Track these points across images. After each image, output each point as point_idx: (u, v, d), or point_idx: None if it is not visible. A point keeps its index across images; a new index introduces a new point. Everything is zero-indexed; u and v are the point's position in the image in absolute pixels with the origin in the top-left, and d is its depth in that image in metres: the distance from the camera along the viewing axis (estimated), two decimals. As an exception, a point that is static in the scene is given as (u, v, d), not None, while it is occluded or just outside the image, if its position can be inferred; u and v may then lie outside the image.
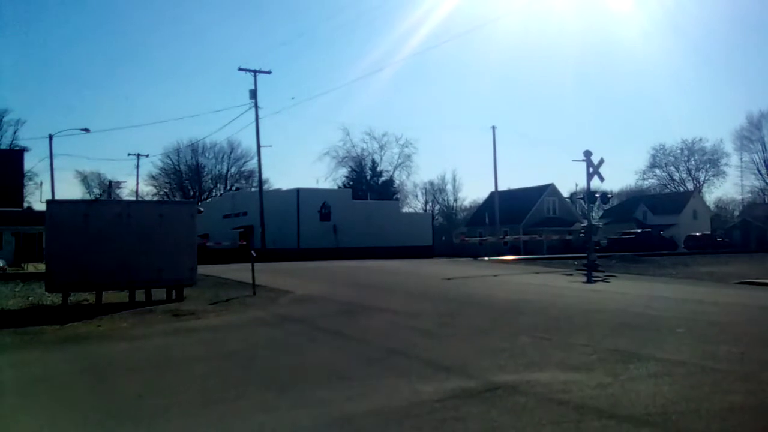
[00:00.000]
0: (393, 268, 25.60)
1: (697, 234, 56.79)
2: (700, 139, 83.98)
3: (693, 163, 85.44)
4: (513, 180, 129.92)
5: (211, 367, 7.77)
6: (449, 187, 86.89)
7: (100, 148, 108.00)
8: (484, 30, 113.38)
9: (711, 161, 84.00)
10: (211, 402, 5.90)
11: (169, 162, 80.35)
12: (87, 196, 71.94)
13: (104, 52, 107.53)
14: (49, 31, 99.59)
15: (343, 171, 78.42)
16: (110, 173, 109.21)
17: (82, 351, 9.12)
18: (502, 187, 55.68)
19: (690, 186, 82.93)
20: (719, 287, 17.36)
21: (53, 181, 47.02)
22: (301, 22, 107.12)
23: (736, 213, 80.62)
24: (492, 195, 55.69)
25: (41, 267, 14.87)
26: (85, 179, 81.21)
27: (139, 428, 5.21)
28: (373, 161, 78.04)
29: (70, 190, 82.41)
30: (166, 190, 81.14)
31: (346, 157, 78.30)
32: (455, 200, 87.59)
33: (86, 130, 46.85)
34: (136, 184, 65.56)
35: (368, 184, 74.51)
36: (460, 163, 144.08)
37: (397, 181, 79.14)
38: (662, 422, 4.88)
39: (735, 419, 4.98)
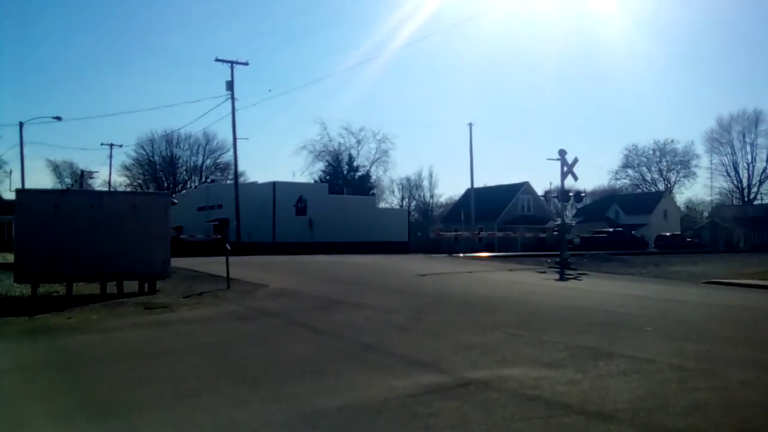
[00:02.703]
0: (368, 264, 25.62)
1: (668, 234, 57.82)
2: (672, 141, 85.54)
3: (664, 164, 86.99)
4: (489, 177, 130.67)
5: (183, 360, 7.71)
6: (426, 183, 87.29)
7: (73, 137, 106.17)
8: (466, 27, 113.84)
9: (682, 162, 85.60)
10: (183, 396, 5.85)
11: (143, 153, 79.14)
12: (58, 186, 70.59)
13: (78, 40, 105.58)
14: (22, 18, 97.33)
15: (320, 165, 78.23)
16: (82, 163, 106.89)
17: (52, 343, 8.98)
18: (478, 184, 55.95)
19: (661, 186, 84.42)
20: (688, 286, 17.72)
21: (23, 170, 46.20)
22: (280, 15, 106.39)
23: (706, 214, 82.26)
24: (468, 192, 55.93)
25: (10, 257, 14.57)
26: (56, 168, 79.71)
27: (109, 422, 5.15)
28: (350, 156, 77.94)
29: (41, 179, 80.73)
30: (139, 181, 79.94)
31: (323, 151, 78.12)
32: (431, 196, 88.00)
33: (58, 118, 46.04)
34: (108, 174, 64.67)
35: (345, 178, 74.37)
36: (437, 160, 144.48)
37: (373, 177, 79.20)
38: (630, 418, 4.98)
39: (700, 415, 5.10)
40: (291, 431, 4.85)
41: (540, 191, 63.78)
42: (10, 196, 48.52)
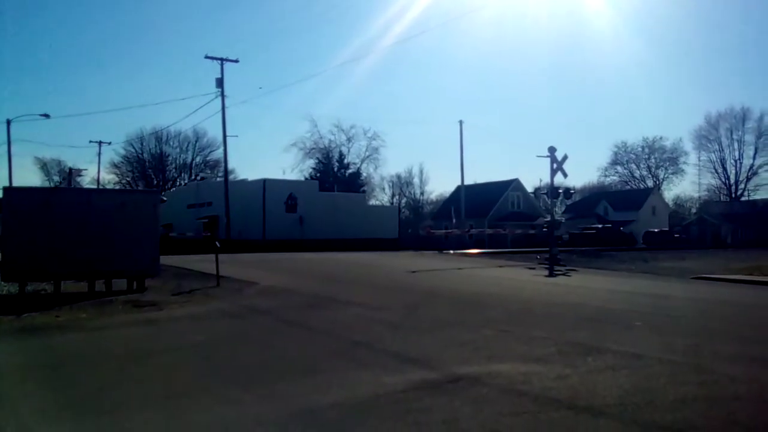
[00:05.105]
0: (359, 261, 25.62)
1: (656, 230, 58.24)
2: (661, 138, 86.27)
3: (653, 160, 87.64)
4: (479, 174, 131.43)
5: (173, 359, 7.68)
6: (416, 180, 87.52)
7: (61, 134, 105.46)
8: (456, 25, 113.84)
9: (670, 159, 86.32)
10: (173, 395, 5.83)
11: (132, 150, 78.78)
12: (46, 184, 70.16)
13: (67, 37, 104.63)
14: (9, 15, 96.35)
15: (310, 163, 78.17)
16: (71, 161, 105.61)
17: (40, 342, 8.90)
18: (468, 181, 56.14)
19: (650, 183, 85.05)
20: (676, 282, 17.85)
21: (11, 168, 46.01)
22: (271, 12, 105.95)
23: (693, 210, 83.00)
24: (458, 189, 56.10)
25: (-3, 256, 14.46)
26: (44, 166, 79.18)
27: (99, 421, 5.12)
28: (341, 153, 77.90)
29: (29, 177, 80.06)
30: (128, 179, 79.54)
31: (314, 148, 78.05)
32: (422, 193, 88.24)
33: (46, 115, 45.89)
34: (97, 172, 64.26)
35: (335, 176, 74.29)
36: (427, 157, 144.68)
37: (364, 174, 79.22)
38: (619, 413, 5.01)
39: (688, 410, 5.14)
40: (283, 430, 4.84)
41: (530, 188, 64.18)
42: (-4, 194, 48.01)
